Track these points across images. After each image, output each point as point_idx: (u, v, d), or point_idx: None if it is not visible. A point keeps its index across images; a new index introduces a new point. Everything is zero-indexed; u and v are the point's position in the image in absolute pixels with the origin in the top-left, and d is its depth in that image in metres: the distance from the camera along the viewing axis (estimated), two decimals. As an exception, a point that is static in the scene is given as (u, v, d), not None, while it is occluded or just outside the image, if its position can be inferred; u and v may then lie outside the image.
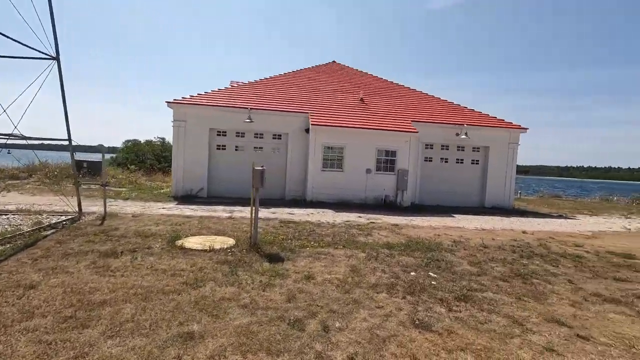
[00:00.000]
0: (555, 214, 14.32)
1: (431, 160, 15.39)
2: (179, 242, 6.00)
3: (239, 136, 14.23)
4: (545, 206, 17.58)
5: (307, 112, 14.21)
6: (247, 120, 13.51)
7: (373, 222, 9.56)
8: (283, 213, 10.45)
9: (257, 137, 14.36)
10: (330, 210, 11.57)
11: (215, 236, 6.75)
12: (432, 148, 15.38)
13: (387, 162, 14.08)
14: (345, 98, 16.25)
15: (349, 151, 13.80)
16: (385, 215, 11.01)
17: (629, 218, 14.21)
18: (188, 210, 10.11)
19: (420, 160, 15.12)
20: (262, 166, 6.22)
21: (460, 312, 3.87)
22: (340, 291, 4.26)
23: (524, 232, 9.27)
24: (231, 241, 6.35)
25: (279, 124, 14.25)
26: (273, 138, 14.49)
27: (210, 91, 15.12)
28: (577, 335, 3.46)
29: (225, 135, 14.16)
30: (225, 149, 14.19)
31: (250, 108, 13.75)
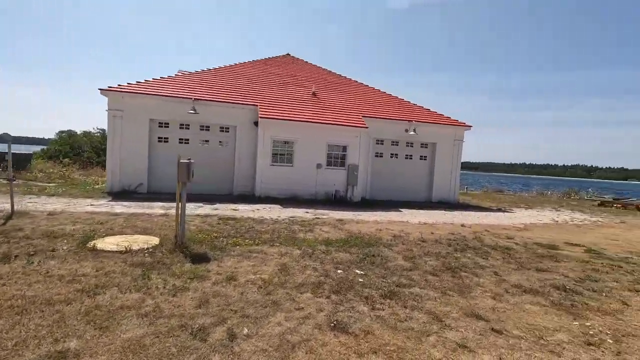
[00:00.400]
0: (495, 208, 15.10)
1: (382, 156, 15.56)
2: (91, 243, 5.37)
3: (183, 128, 13.40)
4: (488, 200, 18.52)
5: (257, 105, 13.71)
6: (191, 112, 12.74)
7: (318, 218, 9.39)
8: (227, 209, 9.96)
9: (203, 130, 13.62)
10: (277, 206, 11.24)
11: (139, 235, 6.17)
12: (382, 144, 15.55)
13: (338, 157, 14.00)
14: (297, 91, 15.93)
15: (299, 145, 13.52)
16: (334, 211, 10.89)
17: (559, 211, 15.34)
18: (120, 207, 9.29)
19: (371, 156, 15.23)
20: (189, 159, 5.74)
21: (383, 310, 3.75)
22: (261, 293, 3.97)
23: (462, 225, 9.57)
24: (155, 240, 5.82)
25: (226, 116, 13.61)
26: (220, 131, 13.83)
27: (151, 79, 14.09)
28: (492, 329, 3.46)
29: (168, 126, 13.27)
30: (167, 141, 13.30)
31: (195, 98, 12.98)
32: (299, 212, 10.20)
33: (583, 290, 4.80)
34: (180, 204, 5.68)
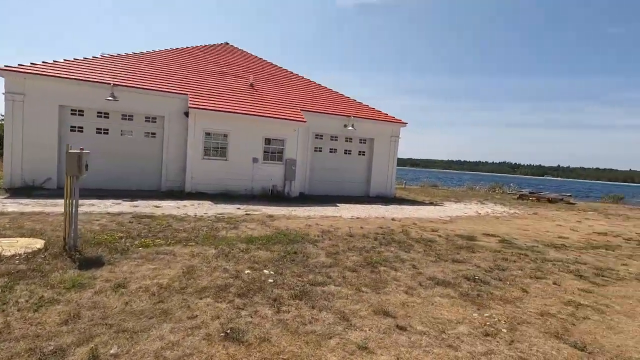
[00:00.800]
0: (428, 202, 15.79)
1: (321, 151, 15.46)
2: (-52, 250, 4.42)
3: (101, 117, 12.04)
4: (423, 195, 19.39)
5: (188, 94, 12.78)
6: (110, 99, 11.46)
7: (249, 214, 8.95)
8: (148, 206, 9.09)
9: (125, 119, 12.37)
10: (208, 202, 10.57)
11: (21, 238, 5.26)
12: (321, 138, 15.44)
13: (275, 151, 13.60)
14: (234, 82, 15.18)
15: (233, 138, 12.88)
16: (268, 207, 10.51)
17: (484, 204, 16.49)
18: (15, 205, 8.02)
19: (310, 151, 15.05)
20: (81, 148, 4.97)
21: (289, 312, 3.49)
22: (152, 301, 3.49)
23: (393, 219, 9.76)
24: (39, 244, 4.98)
25: (153, 104, 12.50)
26: (146, 121, 12.67)
27: (62, 60, 12.46)
28: (397, 326, 3.37)
29: (83, 114, 11.83)
30: (82, 131, 11.87)
31: (114, 84, 11.70)
32: (230, 209, 9.66)
33: (490, 280, 4.99)
34: (70, 200, 4.91)
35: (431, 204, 15.23)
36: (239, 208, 9.91)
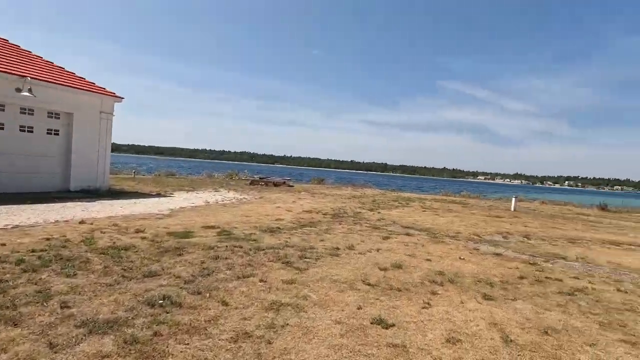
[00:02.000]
0: (154, 193, 13.49)
1: (-32, 124, 9.79)
2: None
3: None
4: (153, 185, 16.75)
5: None
6: None
7: None
8: None
9: None
10: None
11: None
12: (-31, 105, 9.78)
13: None
14: None
15: None
16: None
17: (218, 191, 15.97)
18: None
19: (-59, 122, 9.15)
20: None
21: None
22: None
23: (82, 222, 6.97)
24: None
25: None
26: None
27: None
28: None
29: None
30: None
31: None
32: None
33: (186, 297, 3.71)
34: None
35: (158, 195, 13.06)
36: None
